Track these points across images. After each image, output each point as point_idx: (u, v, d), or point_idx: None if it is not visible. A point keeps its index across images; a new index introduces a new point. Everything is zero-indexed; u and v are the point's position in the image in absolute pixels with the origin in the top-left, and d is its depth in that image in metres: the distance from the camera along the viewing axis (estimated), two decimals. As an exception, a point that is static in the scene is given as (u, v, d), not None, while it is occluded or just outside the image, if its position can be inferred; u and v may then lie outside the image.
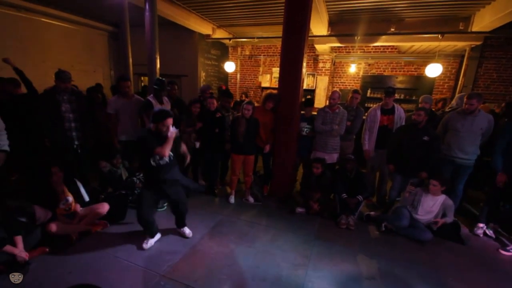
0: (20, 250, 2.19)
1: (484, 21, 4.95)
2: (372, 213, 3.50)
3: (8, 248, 2.16)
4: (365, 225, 3.33)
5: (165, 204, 3.48)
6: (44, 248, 2.43)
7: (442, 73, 5.82)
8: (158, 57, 4.29)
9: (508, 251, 2.87)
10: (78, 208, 2.76)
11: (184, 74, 7.66)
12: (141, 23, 4.14)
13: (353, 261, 2.62)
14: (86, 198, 2.90)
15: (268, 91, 3.85)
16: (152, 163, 2.45)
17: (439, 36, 5.20)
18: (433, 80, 6.44)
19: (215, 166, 4.00)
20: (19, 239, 2.25)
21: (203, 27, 6.93)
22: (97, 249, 2.56)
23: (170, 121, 2.41)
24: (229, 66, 7.61)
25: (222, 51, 8.60)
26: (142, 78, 8.36)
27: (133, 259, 2.45)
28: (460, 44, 5.87)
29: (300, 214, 3.52)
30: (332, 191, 3.59)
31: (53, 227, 2.50)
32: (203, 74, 7.84)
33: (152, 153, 2.40)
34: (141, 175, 3.39)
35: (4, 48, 5.35)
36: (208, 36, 7.43)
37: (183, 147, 2.76)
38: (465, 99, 3.26)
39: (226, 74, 8.87)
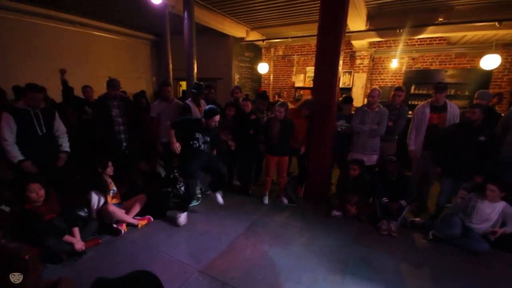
0: (77, 240, 2.46)
1: (555, 2, 4.29)
2: (417, 219, 3.24)
3: (68, 238, 2.44)
4: (409, 232, 3.10)
5: (199, 195, 3.68)
6: (98, 240, 2.69)
7: (500, 65, 5.16)
8: (195, 62, 4.50)
9: None
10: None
11: (219, 77, 7.91)
12: (180, 31, 4.38)
13: (396, 270, 2.45)
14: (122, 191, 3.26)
15: (307, 98, 3.78)
16: (194, 146, 3.06)
17: (496, 24, 4.62)
18: (489, 72, 5.73)
19: (249, 167, 4.06)
20: (76, 230, 2.54)
21: (237, 31, 7.09)
22: (143, 242, 2.76)
23: (217, 117, 3.00)
24: (263, 67, 7.67)
25: (256, 52, 8.70)
26: (180, 82, 8.83)
27: (174, 253, 2.59)
28: (523, 31, 5.16)
29: (336, 217, 3.40)
30: (372, 195, 3.40)
31: (110, 207, 2.87)
32: (237, 77, 8.01)
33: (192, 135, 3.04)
34: (176, 172, 3.63)
35: (62, 59, 6.08)
36: (242, 39, 7.57)
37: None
38: None
39: (259, 76, 8.95)
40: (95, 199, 2.89)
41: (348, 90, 7.40)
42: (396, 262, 2.56)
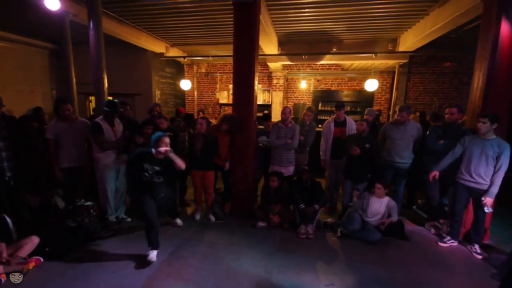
0: None
1: (408, 42, 5.78)
2: (329, 220, 3.69)
3: None
4: (323, 232, 3.49)
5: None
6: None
7: (379, 87, 6.59)
8: (105, 77, 4.08)
9: (445, 242, 3.24)
10: (3, 247, 2.43)
11: (138, 93, 7.39)
12: (87, 40, 3.93)
13: (313, 269, 2.71)
14: (14, 236, 2.61)
15: (225, 112, 3.93)
16: (144, 178, 2.77)
17: (373, 55, 5.91)
18: (372, 93, 7.21)
19: (172, 187, 3.88)
20: None
21: (155, 46, 6.84)
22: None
23: (166, 139, 2.78)
24: (185, 84, 7.56)
25: (177, 68, 8.53)
26: (90, 98, 7.82)
27: (79, 300, 2.20)
28: (390, 62, 6.73)
29: (261, 228, 3.55)
30: (291, 202, 3.71)
31: None
32: (158, 93, 7.65)
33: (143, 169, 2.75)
34: (82, 200, 3.18)
35: None
36: (161, 54, 7.34)
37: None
38: (397, 111, 3.73)
39: (183, 92, 8.77)
40: None
41: (268, 106, 8.01)
42: (313, 262, 2.83)
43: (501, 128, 2.97)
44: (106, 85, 4.07)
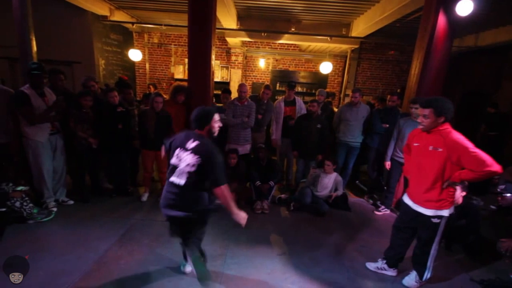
0: None
1: (359, 28, 6.07)
2: (283, 195, 3.89)
3: None
4: (278, 207, 3.68)
5: (53, 208, 3.07)
6: None
7: (332, 71, 6.90)
8: (33, 38, 3.46)
9: (380, 211, 3.70)
10: None
11: (77, 61, 6.45)
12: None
13: (267, 242, 2.87)
14: None
15: (176, 83, 3.69)
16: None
17: (329, 38, 6.09)
18: (326, 76, 7.53)
19: (123, 166, 3.62)
20: None
21: (96, 6, 5.94)
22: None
23: (217, 116, 2.04)
24: (134, 54, 6.85)
25: (125, 36, 7.64)
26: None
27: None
28: (344, 47, 7.05)
29: (218, 205, 3.57)
30: (247, 180, 3.78)
31: None
32: (102, 62, 6.80)
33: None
34: (11, 184, 2.78)
35: None
36: (105, 17, 6.43)
37: None
38: (350, 93, 3.98)
39: (132, 63, 7.95)
40: None
41: (226, 84, 7.80)
42: (267, 235, 2.99)
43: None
44: (34, 48, 3.46)
